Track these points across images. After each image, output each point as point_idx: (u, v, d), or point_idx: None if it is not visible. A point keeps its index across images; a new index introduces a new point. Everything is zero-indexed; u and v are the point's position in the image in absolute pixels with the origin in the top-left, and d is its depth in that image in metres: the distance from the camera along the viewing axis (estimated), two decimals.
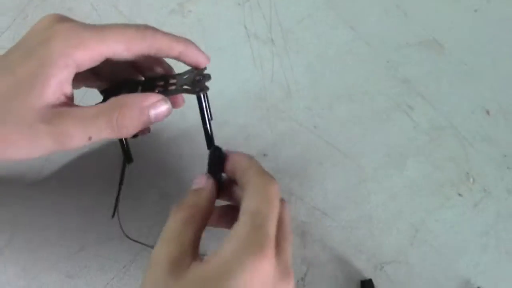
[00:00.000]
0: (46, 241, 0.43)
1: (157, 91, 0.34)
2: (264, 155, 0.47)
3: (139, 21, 0.53)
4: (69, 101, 0.31)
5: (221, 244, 0.29)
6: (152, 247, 0.34)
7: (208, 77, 0.34)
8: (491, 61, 0.53)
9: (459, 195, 0.46)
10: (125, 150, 0.35)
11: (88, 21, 0.54)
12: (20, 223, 0.43)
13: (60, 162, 0.46)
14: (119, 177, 0.37)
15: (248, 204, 0.30)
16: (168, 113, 0.32)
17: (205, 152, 0.35)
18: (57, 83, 0.30)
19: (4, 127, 0.30)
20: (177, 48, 0.33)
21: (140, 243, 0.41)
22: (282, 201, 0.33)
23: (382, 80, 0.51)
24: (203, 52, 0.35)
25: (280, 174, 0.46)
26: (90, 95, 0.47)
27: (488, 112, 0.50)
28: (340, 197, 0.46)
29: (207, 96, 0.33)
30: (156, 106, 0.31)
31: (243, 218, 0.29)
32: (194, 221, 0.31)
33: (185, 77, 0.35)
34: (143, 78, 0.38)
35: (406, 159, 0.47)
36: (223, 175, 0.36)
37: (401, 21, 0.54)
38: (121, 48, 0.31)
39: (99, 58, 0.31)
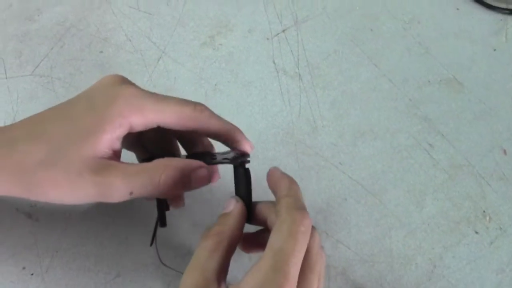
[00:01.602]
0: (84, 267, 0.45)
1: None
2: None
3: (171, 52, 0.56)
4: (115, 157, 0.34)
5: (243, 276, 0.30)
6: None
7: (247, 158, 0.36)
8: (509, 100, 0.55)
9: (476, 232, 0.49)
10: (160, 213, 0.37)
11: (122, 51, 0.57)
12: (61, 249, 0.46)
13: None
14: (152, 233, 0.39)
15: (273, 239, 0.30)
16: (208, 181, 0.34)
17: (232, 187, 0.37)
18: (109, 139, 0.32)
19: (53, 170, 0.32)
20: (225, 135, 0.36)
21: (175, 270, 0.43)
22: (312, 228, 0.32)
23: (404, 117, 0.53)
24: (248, 141, 0.37)
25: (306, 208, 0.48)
26: None
27: (505, 152, 0.52)
28: (363, 232, 0.48)
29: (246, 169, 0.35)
30: (198, 172, 0.33)
31: (267, 253, 0.29)
32: (219, 248, 0.31)
33: (225, 156, 0.37)
34: (184, 153, 0.40)
35: (425, 196, 0.50)
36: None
37: (423, 59, 0.56)
38: (174, 122, 0.34)
39: (152, 125, 0.34)
